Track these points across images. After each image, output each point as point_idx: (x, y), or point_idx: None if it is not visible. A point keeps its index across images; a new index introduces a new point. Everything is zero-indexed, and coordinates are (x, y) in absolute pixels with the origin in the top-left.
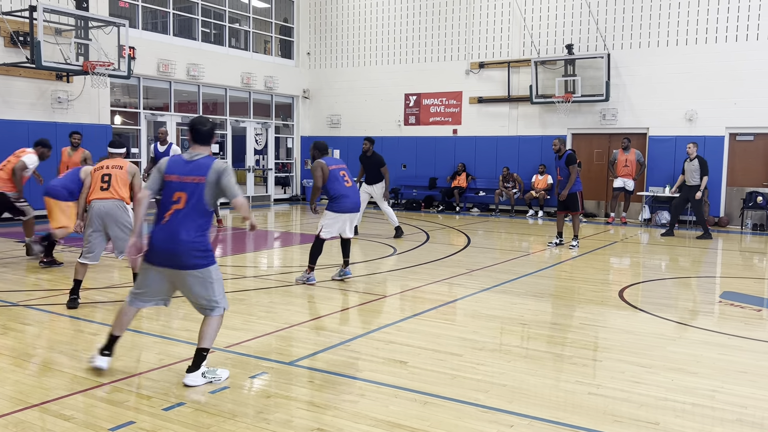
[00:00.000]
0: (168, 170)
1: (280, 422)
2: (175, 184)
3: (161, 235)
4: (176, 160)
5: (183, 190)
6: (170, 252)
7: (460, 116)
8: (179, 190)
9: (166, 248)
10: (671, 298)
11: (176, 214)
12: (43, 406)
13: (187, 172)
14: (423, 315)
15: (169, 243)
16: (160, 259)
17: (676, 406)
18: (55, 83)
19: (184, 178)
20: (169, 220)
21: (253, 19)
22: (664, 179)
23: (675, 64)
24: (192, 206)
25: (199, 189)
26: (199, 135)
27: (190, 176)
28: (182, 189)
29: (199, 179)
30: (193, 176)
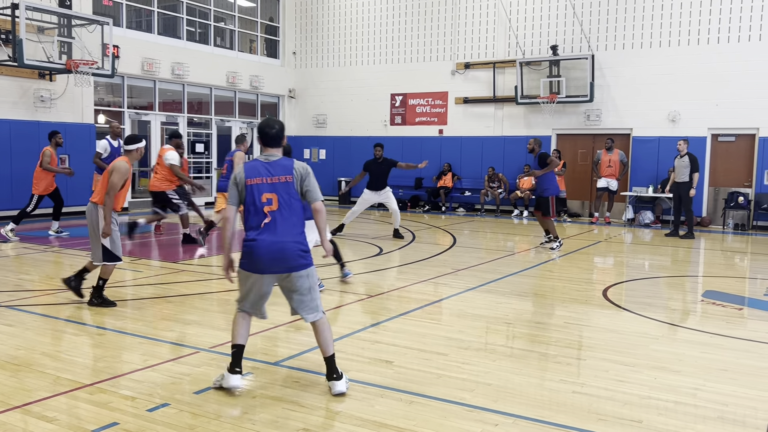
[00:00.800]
0: (249, 175)
1: (266, 422)
2: (263, 186)
3: (266, 240)
4: (254, 165)
5: (273, 192)
6: (276, 256)
7: (446, 116)
8: (269, 191)
9: (273, 253)
10: (654, 297)
11: (273, 216)
12: (25, 407)
13: (272, 173)
14: (409, 315)
15: (273, 246)
16: (264, 266)
17: (659, 404)
18: (37, 82)
19: (270, 179)
20: (268, 224)
21: (238, 18)
22: (647, 179)
23: (658, 65)
24: (285, 206)
25: (289, 188)
26: (268, 137)
27: (276, 177)
28: (272, 190)
29: (286, 178)
30: (279, 176)
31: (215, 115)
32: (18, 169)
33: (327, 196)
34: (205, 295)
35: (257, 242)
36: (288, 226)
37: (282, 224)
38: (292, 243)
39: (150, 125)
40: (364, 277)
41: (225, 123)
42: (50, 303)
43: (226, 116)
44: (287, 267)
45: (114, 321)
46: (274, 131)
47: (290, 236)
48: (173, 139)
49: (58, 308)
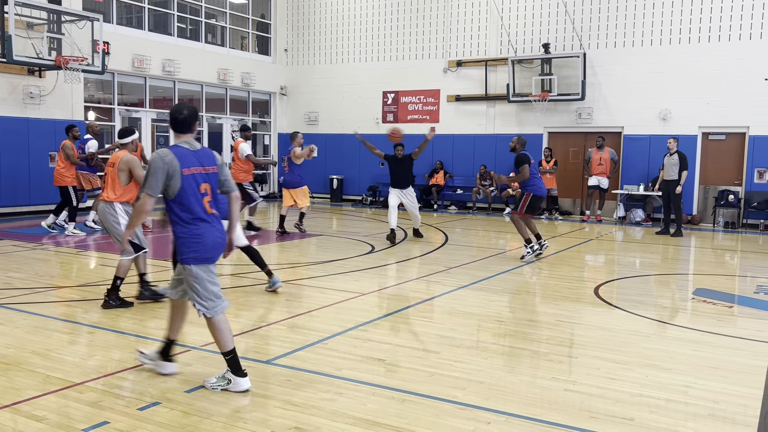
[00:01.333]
0: (184, 164)
1: (258, 421)
2: (199, 176)
3: (215, 228)
4: (184, 153)
5: (208, 182)
6: (219, 246)
7: (438, 114)
8: (204, 181)
9: (223, 240)
10: (645, 295)
11: (212, 206)
12: (15, 406)
13: (204, 163)
14: (401, 313)
15: (219, 235)
16: (212, 255)
17: (651, 401)
18: (26, 78)
19: (204, 169)
20: (210, 214)
21: (229, 15)
22: (638, 178)
23: (649, 63)
24: (215, 196)
25: (216, 178)
26: (177, 123)
27: (208, 167)
28: (207, 181)
29: (214, 169)
30: (209, 167)
31: (206, 112)
32: (7, 165)
33: (318, 194)
34: None
35: (209, 231)
36: (219, 217)
37: (216, 213)
38: (225, 233)
39: (140, 122)
40: (356, 275)
41: (216, 120)
42: (40, 301)
43: (218, 113)
44: (217, 257)
45: (105, 319)
46: (182, 116)
47: (222, 226)
48: (243, 132)
49: (48, 306)
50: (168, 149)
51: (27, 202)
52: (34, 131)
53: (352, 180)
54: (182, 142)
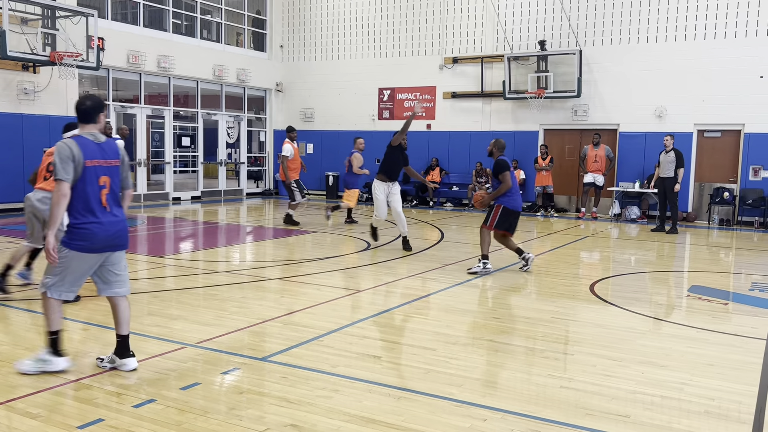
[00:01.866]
0: (87, 156)
1: (253, 418)
2: (100, 169)
3: (108, 221)
4: (87, 144)
5: (108, 175)
6: (118, 235)
7: (434, 111)
8: (105, 174)
9: (114, 234)
10: (641, 292)
11: (108, 200)
12: (9, 404)
13: (106, 156)
14: (396, 310)
15: (116, 226)
16: (104, 245)
17: (646, 398)
18: (21, 74)
19: (106, 162)
20: (106, 206)
21: (225, 11)
22: (634, 175)
23: (645, 61)
24: (115, 188)
25: (118, 171)
26: (79, 113)
27: (110, 160)
28: (107, 173)
29: (116, 162)
30: (112, 159)
31: (201, 108)
32: (0, 161)
33: (315, 191)
34: (192, 290)
35: (101, 224)
36: (118, 207)
37: (115, 205)
38: (124, 222)
39: (136, 118)
40: (351, 272)
41: (211, 117)
42: (34, 298)
43: (213, 110)
44: (121, 245)
45: (99, 316)
46: (85, 107)
47: (122, 216)
48: (289, 133)
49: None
50: (72, 139)
51: (21, 199)
52: (29, 127)
53: None
54: (86, 133)
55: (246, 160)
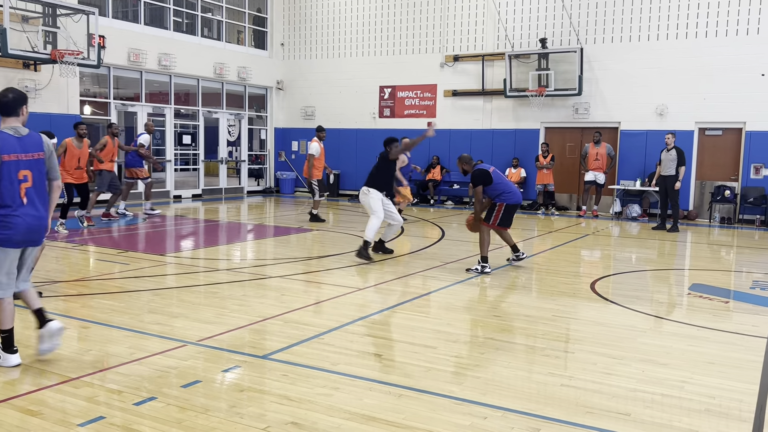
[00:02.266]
0: (6, 150)
1: (254, 416)
2: (21, 163)
3: (28, 215)
4: (6, 138)
5: (29, 168)
6: (36, 230)
7: (435, 109)
8: (25, 168)
9: (36, 227)
10: (642, 290)
11: (29, 193)
12: (10, 401)
13: (27, 149)
14: (397, 308)
15: (35, 221)
16: (24, 240)
17: (647, 396)
18: (22, 72)
19: (25, 156)
20: (28, 200)
21: (226, 9)
22: (635, 173)
23: (646, 59)
24: (39, 182)
25: (41, 164)
26: (1, 106)
27: (31, 153)
28: (28, 167)
29: (39, 155)
30: (34, 153)
31: (202, 106)
32: None
33: None
34: (193, 287)
35: (21, 218)
36: (42, 202)
37: (38, 200)
38: (46, 218)
39: (136, 116)
40: (352, 270)
41: (212, 115)
42: None
43: (214, 108)
44: (38, 240)
45: (100, 314)
46: (6, 99)
47: (45, 211)
48: (318, 133)
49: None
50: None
51: None
52: (30, 125)
53: (348, 175)
54: (7, 128)
55: (247, 158)
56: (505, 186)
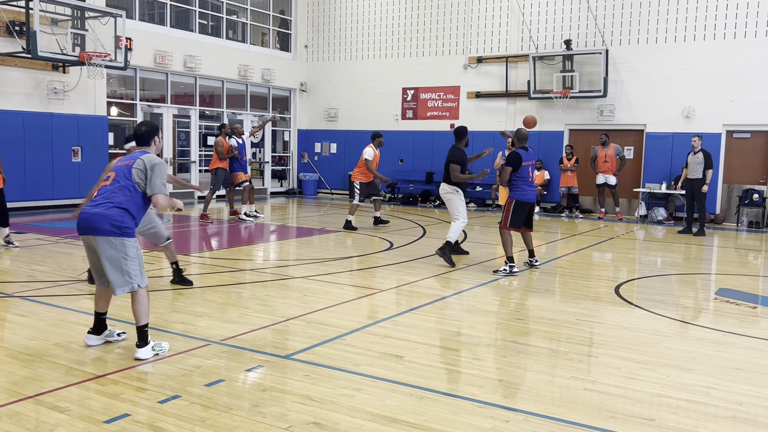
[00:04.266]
0: None
1: (276, 416)
2: None
3: None
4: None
5: (115, 171)
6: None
7: (458, 111)
8: (113, 170)
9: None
10: (667, 295)
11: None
12: (38, 397)
13: (126, 159)
14: (419, 309)
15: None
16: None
17: (671, 402)
18: (51, 74)
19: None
20: None
21: (250, 11)
22: (660, 176)
23: (673, 60)
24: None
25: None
26: (135, 137)
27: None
28: (115, 170)
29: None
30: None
31: (227, 108)
32: (31, 160)
33: (338, 191)
34: (216, 287)
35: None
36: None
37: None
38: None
39: (162, 118)
40: (374, 272)
41: (237, 116)
42: (63, 294)
43: (238, 109)
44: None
45: (126, 312)
46: (140, 132)
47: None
48: (377, 138)
49: (70, 299)
50: None
51: (50, 197)
52: (58, 126)
53: None
54: None
55: (270, 160)
56: (522, 180)
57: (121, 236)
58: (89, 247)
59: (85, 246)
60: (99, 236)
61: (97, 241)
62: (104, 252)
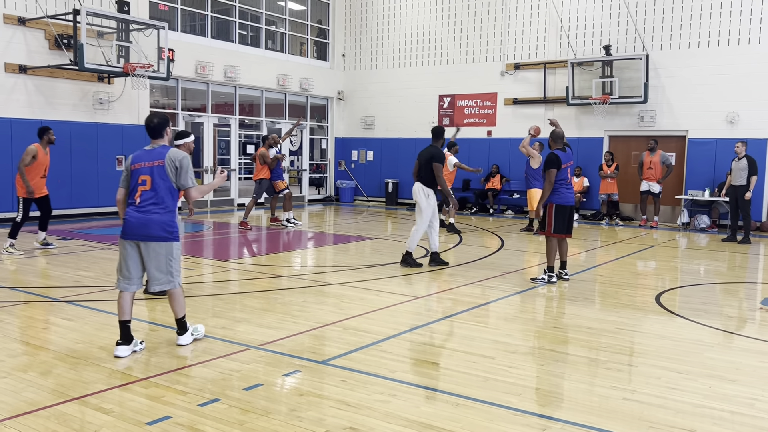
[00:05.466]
0: (134, 161)
1: (313, 420)
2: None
3: None
4: (139, 153)
5: (148, 174)
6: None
7: (495, 117)
8: (145, 173)
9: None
10: (710, 304)
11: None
12: (83, 399)
13: (149, 158)
14: (455, 317)
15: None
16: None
17: (714, 413)
18: (96, 84)
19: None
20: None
21: (289, 21)
22: (703, 182)
23: (716, 65)
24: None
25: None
26: (148, 129)
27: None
28: (148, 173)
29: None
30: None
31: (266, 116)
32: (78, 169)
33: (374, 198)
34: (255, 293)
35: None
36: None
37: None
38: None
39: (203, 127)
40: (410, 278)
41: (275, 125)
42: (107, 299)
43: (276, 118)
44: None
45: (167, 318)
46: (153, 124)
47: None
48: (453, 147)
49: (114, 304)
50: None
51: (95, 204)
52: (103, 136)
53: (407, 184)
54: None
55: (308, 168)
56: (560, 182)
57: (172, 240)
58: (133, 249)
59: (126, 248)
60: (152, 242)
61: (149, 245)
62: (153, 254)
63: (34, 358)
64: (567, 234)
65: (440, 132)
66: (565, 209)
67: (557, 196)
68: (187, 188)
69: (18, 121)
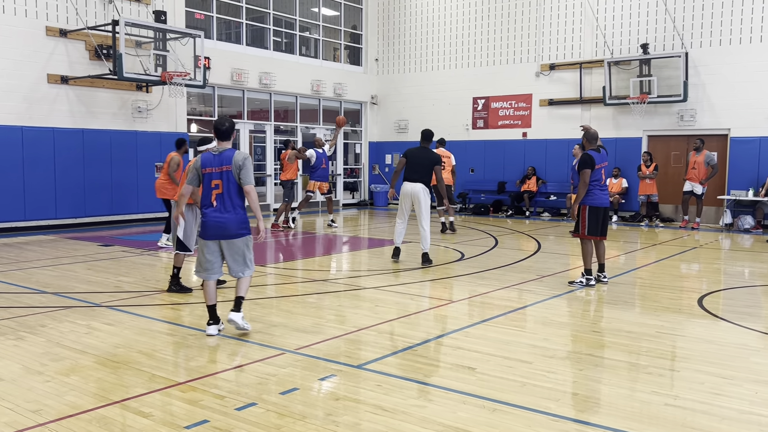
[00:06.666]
0: (203, 165)
1: (349, 425)
2: (214, 174)
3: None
4: (207, 156)
5: (219, 178)
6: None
7: (530, 119)
8: (217, 178)
9: (216, 226)
10: (755, 307)
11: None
12: (124, 403)
13: (218, 163)
14: (492, 321)
15: (217, 221)
16: (211, 234)
17: (762, 419)
18: (135, 93)
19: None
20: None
21: (322, 27)
22: (746, 182)
23: (759, 61)
24: (228, 191)
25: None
26: (218, 132)
27: (221, 166)
28: (219, 177)
29: (227, 168)
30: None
31: (300, 122)
32: (117, 176)
33: None
34: (291, 297)
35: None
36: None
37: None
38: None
39: (239, 133)
40: (446, 282)
41: (310, 130)
42: (147, 304)
43: (311, 123)
44: (211, 236)
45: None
46: (224, 128)
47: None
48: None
49: (154, 309)
50: None
51: (135, 210)
52: (142, 143)
53: None
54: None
55: (342, 172)
56: (594, 183)
57: (248, 234)
58: (215, 245)
59: (208, 245)
60: (232, 239)
61: (229, 242)
62: (234, 249)
63: (76, 363)
64: (602, 236)
65: (431, 135)
66: (598, 210)
67: (590, 198)
68: (247, 185)
69: (60, 130)
